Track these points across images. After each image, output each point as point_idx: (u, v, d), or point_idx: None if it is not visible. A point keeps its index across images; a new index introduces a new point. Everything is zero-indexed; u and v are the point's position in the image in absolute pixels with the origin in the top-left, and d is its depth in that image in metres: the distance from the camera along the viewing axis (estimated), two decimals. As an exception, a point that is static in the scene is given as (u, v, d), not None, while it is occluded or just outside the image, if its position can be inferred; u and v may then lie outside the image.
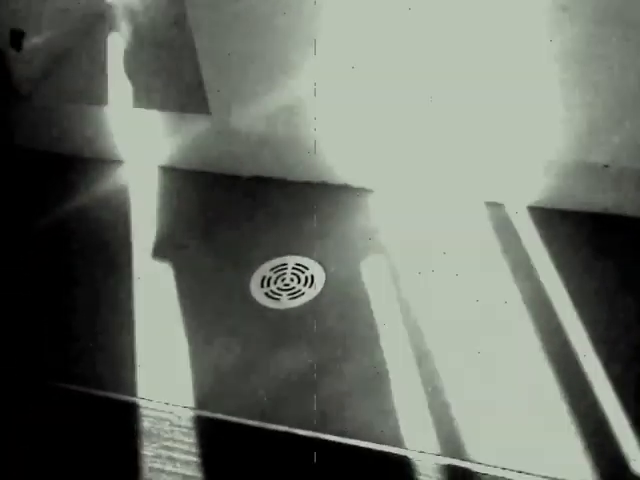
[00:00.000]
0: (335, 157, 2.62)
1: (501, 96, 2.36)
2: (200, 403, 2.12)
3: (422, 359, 2.15)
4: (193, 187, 2.73)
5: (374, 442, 1.99)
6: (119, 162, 2.84)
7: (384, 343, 2.20)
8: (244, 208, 2.65)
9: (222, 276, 2.44)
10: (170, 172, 2.78)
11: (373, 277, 2.37)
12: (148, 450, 2.03)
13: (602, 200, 2.41)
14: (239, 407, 2.10)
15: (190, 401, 2.13)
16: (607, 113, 2.30)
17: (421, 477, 1.91)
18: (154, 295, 2.41)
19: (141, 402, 2.14)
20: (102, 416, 2.13)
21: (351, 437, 2.01)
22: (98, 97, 2.81)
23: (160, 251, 2.53)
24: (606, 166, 2.36)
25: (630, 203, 2.39)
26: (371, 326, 2.24)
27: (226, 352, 2.23)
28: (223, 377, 2.18)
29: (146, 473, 1.99)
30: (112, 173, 2.82)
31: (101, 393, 2.17)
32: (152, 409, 2.12)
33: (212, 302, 2.37)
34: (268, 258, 2.47)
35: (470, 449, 1.95)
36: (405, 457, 1.95)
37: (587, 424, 1.97)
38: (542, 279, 2.29)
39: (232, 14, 2.44)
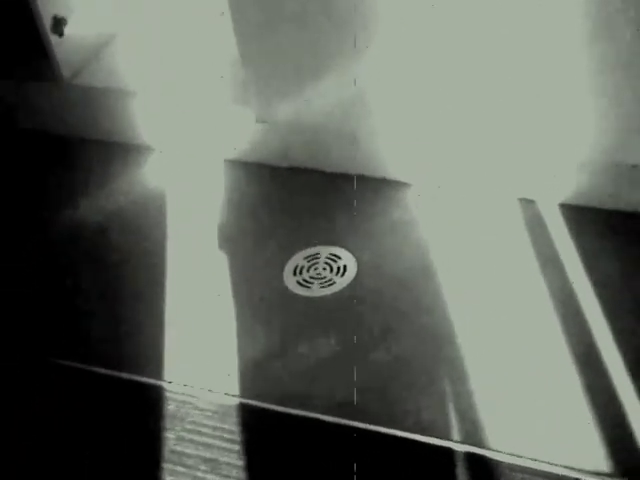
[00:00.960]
0: (374, 150, 2.64)
1: (536, 95, 2.37)
2: (227, 388, 2.16)
3: (446, 347, 2.18)
4: (231, 177, 2.77)
5: (399, 429, 2.02)
6: (153, 150, 2.89)
7: (411, 333, 2.22)
8: (281, 198, 2.68)
9: (256, 263, 2.47)
10: (208, 162, 2.82)
11: (405, 270, 2.39)
12: (171, 433, 2.07)
13: (632, 200, 2.42)
14: (265, 392, 2.13)
15: (216, 385, 2.17)
16: (638, 114, 2.32)
17: (442, 465, 1.94)
18: (187, 279, 2.45)
19: (167, 385, 2.18)
20: (128, 398, 2.17)
21: (378, 424, 2.04)
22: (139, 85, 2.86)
23: (195, 237, 2.58)
24: (635, 166, 2.37)
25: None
26: (401, 317, 2.27)
27: (254, 338, 2.27)
28: (250, 362, 2.21)
29: (168, 455, 2.03)
30: (151, 161, 2.86)
31: (127, 375, 2.21)
32: (178, 392, 2.15)
33: (244, 289, 2.40)
34: (302, 247, 2.50)
35: (489, 437, 1.98)
36: (429, 444, 1.98)
37: (606, 416, 1.98)
38: (570, 275, 2.30)
39: (276, 7, 2.48)
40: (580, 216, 2.45)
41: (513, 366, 2.12)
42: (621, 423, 1.97)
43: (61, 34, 2.81)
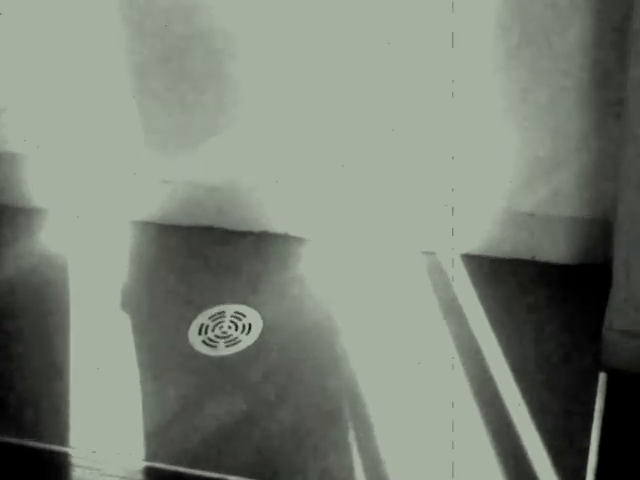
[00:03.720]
0: (275, 207, 2.66)
1: (433, 148, 2.43)
2: (133, 451, 2.13)
3: (354, 403, 2.18)
4: (133, 238, 2.75)
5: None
6: (45, 211, 2.85)
7: (318, 389, 2.23)
8: (184, 257, 2.67)
9: (160, 324, 2.45)
10: (109, 223, 2.80)
11: (310, 325, 2.40)
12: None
13: (529, 247, 2.48)
14: (172, 454, 2.11)
15: (122, 450, 2.14)
16: (533, 165, 2.38)
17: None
18: (91, 343, 2.42)
19: (72, 451, 2.14)
20: (31, 466, 2.13)
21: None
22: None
23: (98, 300, 2.56)
24: (531, 215, 2.43)
25: (554, 250, 2.46)
26: (306, 374, 2.27)
27: (159, 400, 2.24)
28: (156, 424, 2.19)
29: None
30: (50, 224, 2.82)
31: (30, 443, 2.17)
32: (83, 458, 2.12)
33: (149, 350, 2.38)
34: (207, 306, 2.49)
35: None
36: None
37: (511, 467, 2.02)
38: (471, 323, 2.34)
39: (174, 65, 2.51)
40: (481, 265, 2.50)
41: (419, 418, 2.14)
42: (526, 470, 2.00)
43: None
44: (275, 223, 2.67)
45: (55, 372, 2.34)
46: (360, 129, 2.45)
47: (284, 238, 2.67)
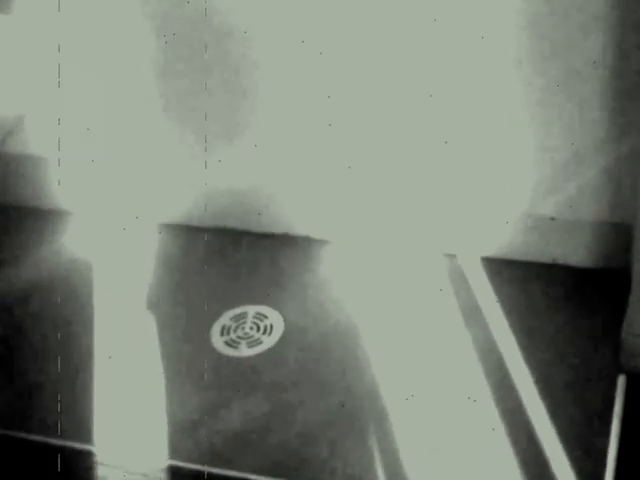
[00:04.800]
0: (297, 209, 2.68)
1: (454, 151, 2.44)
2: (157, 451, 2.16)
3: (375, 405, 2.20)
4: (158, 240, 2.77)
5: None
6: (71, 214, 2.87)
7: (339, 391, 2.25)
8: (207, 260, 2.69)
9: (183, 325, 2.48)
10: (134, 226, 2.83)
11: (331, 327, 2.42)
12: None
13: (550, 251, 2.49)
14: (196, 454, 2.13)
15: (147, 449, 2.17)
16: (555, 169, 2.39)
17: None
18: (115, 343, 2.45)
19: (97, 450, 2.17)
20: (57, 465, 2.15)
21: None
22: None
23: (122, 301, 2.58)
24: (553, 219, 2.45)
25: (575, 254, 2.48)
26: (328, 375, 2.29)
27: (183, 400, 2.27)
28: (180, 423, 2.22)
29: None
30: (67, 225, 2.85)
31: (55, 441, 2.19)
32: (108, 457, 2.15)
33: (172, 350, 2.40)
34: (229, 307, 2.51)
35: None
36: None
37: (531, 468, 2.03)
38: (492, 326, 2.35)
39: (199, 70, 2.53)
40: (501, 269, 2.51)
41: (438, 418, 2.16)
42: (545, 472, 2.02)
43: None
44: (297, 226, 2.69)
45: (80, 372, 2.37)
46: (383, 132, 2.47)
47: (306, 240, 2.68)
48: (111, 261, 2.72)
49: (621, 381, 2.17)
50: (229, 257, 2.68)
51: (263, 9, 2.38)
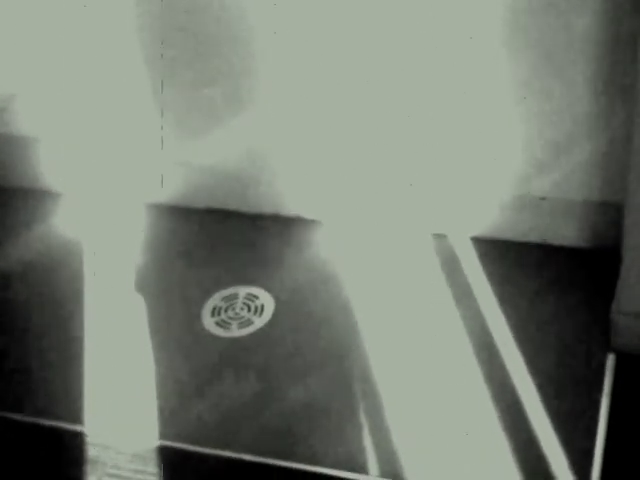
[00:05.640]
0: (287, 189, 2.68)
1: (445, 130, 2.44)
2: (148, 431, 2.16)
3: (366, 383, 2.21)
4: (148, 220, 2.76)
5: (319, 466, 2.04)
6: (59, 194, 2.87)
7: (330, 370, 2.26)
8: (198, 240, 2.69)
9: (174, 306, 2.48)
10: (124, 206, 2.82)
11: (322, 308, 2.42)
12: (93, 478, 2.06)
13: (540, 231, 2.49)
14: (186, 434, 2.14)
15: (137, 429, 2.17)
16: (544, 150, 2.39)
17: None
18: (105, 324, 2.44)
19: (87, 431, 2.17)
20: (47, 446, 2.15)
21: (298, 462, 2.06)
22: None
23: (112, 282, 2.58)
24: (543, 198, 2.45)
25: (565, 234, 2.48)
26: (318, 355, 2.29)
27: (173, 380, 2.27)
28: (171, 404, 2.22)
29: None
30: (56, 205, 2.85)
31: (46, 422, 2.19)
32: (99, 437, 2.15)
33: (163, 331, 2.40)
34: (220, 288, 2.52)
35: (406, 470, 2.02)
36: (347, 479, 2.02)
37: (520, 446, 2.04)
38: (482, 306, 2.36)
39: (187, 49, 2.52)
40: (491, 249, 2.51)
41: (429, 398, 2.17)
42: (535, 448, 2.03)
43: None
44: (287, 206, 2.69)
45: (70, 353, 2.37)
46: (373, 113, 2.47)
47: (296, 221, 2.68)
48: (101, 242, 2.71)
49: (610, 359, 2.18)
50: (219, 238, 2.68)
51: None
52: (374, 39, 2.36)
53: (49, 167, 2.85)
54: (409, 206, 2.58)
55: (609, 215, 2.41)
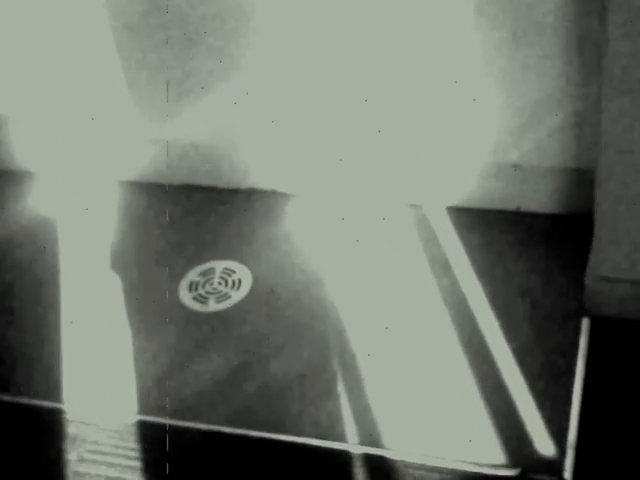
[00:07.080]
0: (261, 163, 2.68)
1: (417, 100, 2.44)
2: (126, 406, 2.16)
3: (343, 354, 2.22)
4: (122, 198, 2.77)
5: (299, 436, 2.05)
6: (32, 173, 2.87)
7: (308, 342, 2.26)
8: (173, 216, 2.69)
9: (151, 282, 2.48)
10: (98, 184, 2.82)
11: (299, 280, 2.43)
12: (73, 455, 2.06)
13: (514, 198, 2.50)
14: (165, 408, 2.14)
15: (116, 404, 2.17)
16: (517, 117, 2.40)
17: (342, 468, 1.98)
18: (82, 301, 2.45)
19: (66, 407, 2.17)
20: (26, 423, 2.16)
21: (278, 433, 2.07)
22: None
23: (88, 259, 2.58)
24: (516, 166, 2.46)
25: (539, 200, 2.49)
26: (296, 328, 2.30)
27: (152, 356, 2.27)
28: (150, 379, 2.22)
29: (71, 477, 2.02)
30: (29, 185, 2.84)
31: (24, 400, 2.20)
32: (78, 414, 2.15)
33: (140, 308, 2.41)
34: (196, 263, 2.52)
35: (385, 438, 2.03)
36: (326, 448, 2.02)
37: (497, 408, 2.05)
38: (458, 275, 2.37)
39: (158, 25, 2.51)
40: (467, 217, 2.52)
41: (406, 367, 2.17)
42: (512, 414, 2.04)
43: None
44: (262, 180, 2.69)
45: (47, 331, 2.37)
46: (346, 84, 2.47)
47: (271, 194, 2.69)
48: (75, 220, 2.71)
49: (585, 323, 2.20)
50: (195, 213, 2.68)
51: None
52: (345, 12, 2.36)
53: (21, 146, 2.84)
54: (384, 177, 2.58)
55: (584, 181, 2.42)
